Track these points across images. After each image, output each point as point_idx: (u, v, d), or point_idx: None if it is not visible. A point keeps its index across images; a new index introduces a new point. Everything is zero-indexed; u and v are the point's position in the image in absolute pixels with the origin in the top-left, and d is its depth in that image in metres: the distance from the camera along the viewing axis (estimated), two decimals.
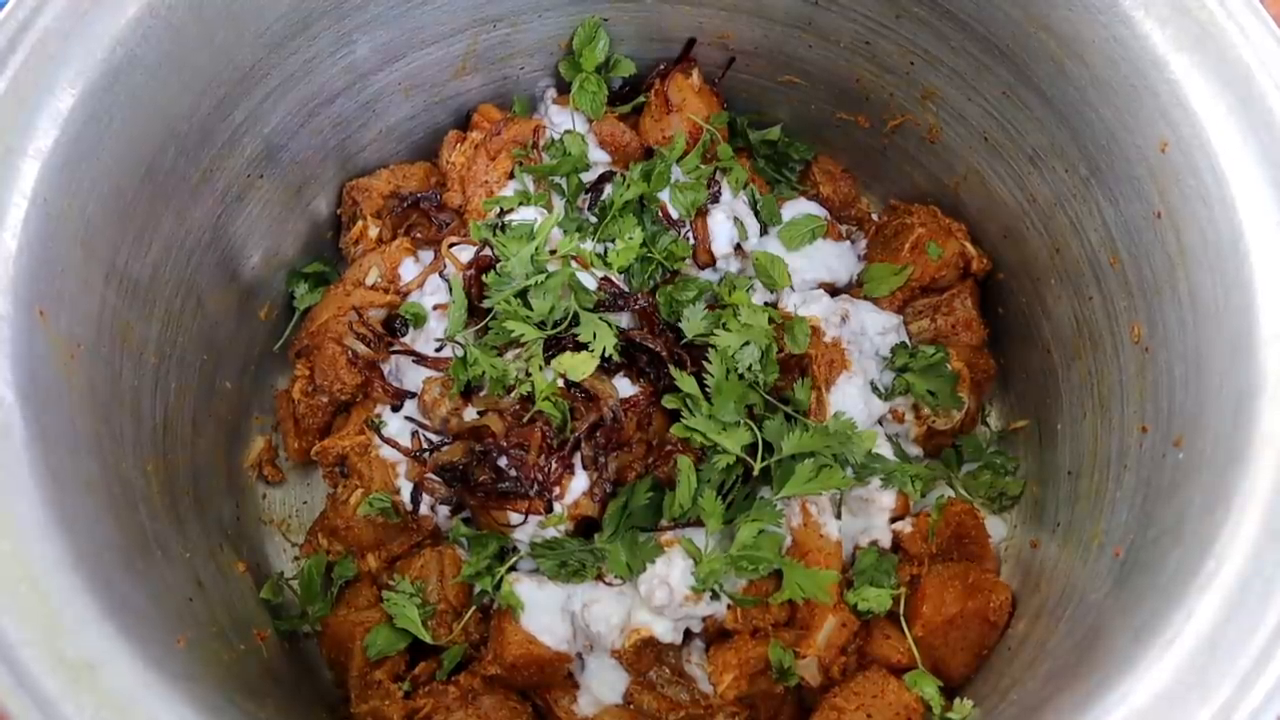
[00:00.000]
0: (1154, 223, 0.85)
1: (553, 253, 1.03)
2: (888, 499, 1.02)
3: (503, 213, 1.09)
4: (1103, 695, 0.63)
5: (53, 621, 0.61)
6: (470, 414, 0.98)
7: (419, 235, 1.14)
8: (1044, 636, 0.87)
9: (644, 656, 0.95)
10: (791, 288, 1.09)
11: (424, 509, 0.99)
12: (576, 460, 0.96)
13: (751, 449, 0.96)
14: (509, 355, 0.99)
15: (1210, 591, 0.64)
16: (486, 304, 1.00)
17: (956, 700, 0.91)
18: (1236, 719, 0.58)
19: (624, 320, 1.02)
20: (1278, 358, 0.70)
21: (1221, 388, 0.74)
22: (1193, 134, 0.80)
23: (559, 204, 1.10)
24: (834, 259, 1.13)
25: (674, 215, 1.08)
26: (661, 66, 1.17)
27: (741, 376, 0.99)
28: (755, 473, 0.95)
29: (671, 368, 0.98)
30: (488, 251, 1.03)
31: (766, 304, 1.06)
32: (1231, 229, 0.77)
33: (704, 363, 0.98)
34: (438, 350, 1.04)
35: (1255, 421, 0.69)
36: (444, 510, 1.00)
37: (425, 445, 1.00)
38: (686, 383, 0.97)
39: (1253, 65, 0.78)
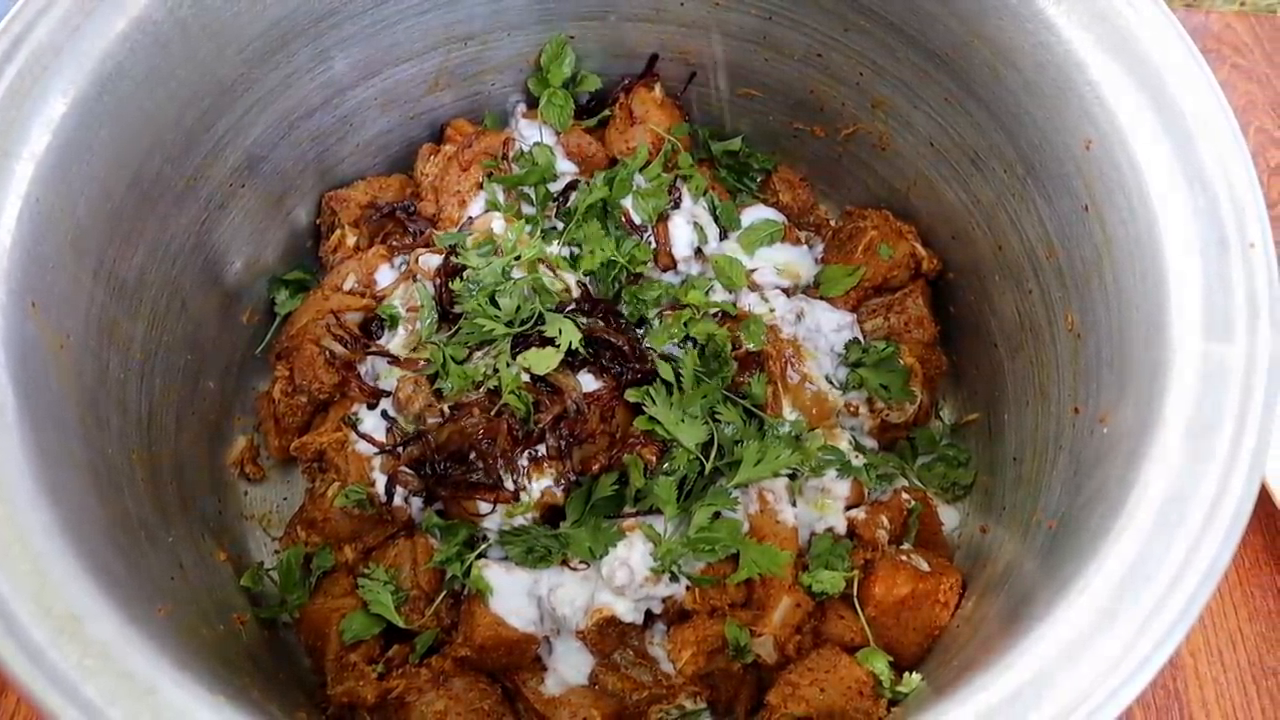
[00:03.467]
0: (1082, 216, 0.90)
1: (518, 259, 1.08)
2: (843, 488, 1.07)
3: (470, 222, 1.14)
4: (1021, 640, 0.67)
5: (41, 579, 0.65)
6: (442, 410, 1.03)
7: (394, 243, 1.19)
8: (986, 609, 0.92)
9: (607, 637, 0.99)
10: (749, 288, 1.14)
11: (398, 500, 1.04)
12: (542, 450, 1.01)
13: (708, 446, 1.01)
14: (478, 354, 1.04)
15: (1121, 543, 0.68)
16: (457, 309, 1.05)
17: (905, 674, 0.95)
18: (1140, 650, 0.62)
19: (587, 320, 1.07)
20: (1185, 332, 0.75)
21: (1140, 364, 0.79)
22: (1112, 131, 0.86)
23: (527, 212, 1.16)
24: (791, 261, 1.19)
25: (636, 221, 1.14)
26: (626, 81, 1.23)
27: (700, 377, 1.04)
28: (706, 471, 1.00)
29: (652, 353, 1.03)
30: (455, 259, 1.08)
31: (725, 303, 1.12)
32: (1148, 218, 0.82)
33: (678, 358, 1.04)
34: (411, 351, 1.09)
35: (1166, 391, 0.74)
36: (417, 502, 1.04)
37: (399, 440, 1.05)
38: (664, 368, 1.02)
39: (1163, 68, 0.84)
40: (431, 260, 1.11)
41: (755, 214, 1.20)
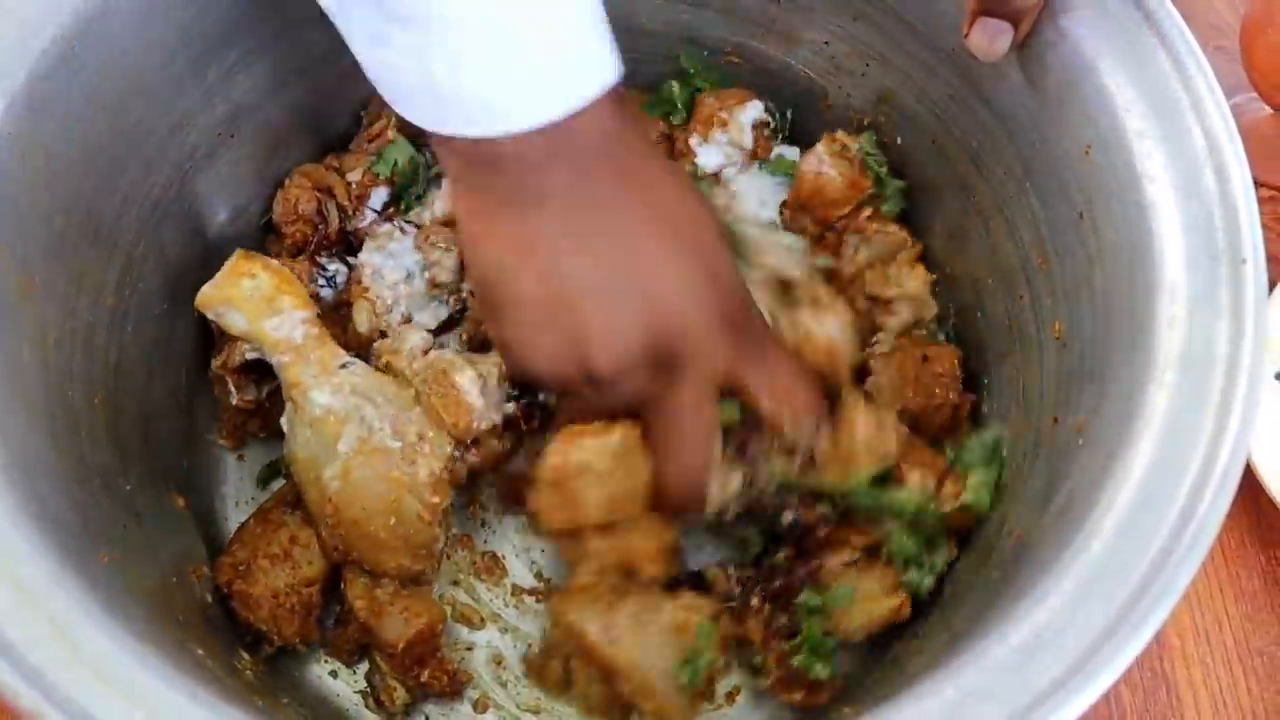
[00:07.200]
0: (1077, 223, 0.88)
1: None
2: None
3: None
4: (962, 654, 0.65)
5: None
6: None
7: None
8: (945, 619, 0.90)
9: None
10: None
11: None
12: None
13: None
14: None
15: (1077, 563, 0.66)
16: None
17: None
18: (1085, 673, 0.61)
19: None
20: (1165, 345, 0.73)
21: (1119, 376, 0.77)
22: (1113, 136, 0.83)
23: None
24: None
25: None
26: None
27: None
28: None
29: None
30: None
31: None
32: (1140, 227, 0.80)
33: None
34: None
35: (1142, 404, 0.72)
36: None
37: None
38: None
39: (1169, 70, 0.81)
40: None
41: None
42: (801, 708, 0.94)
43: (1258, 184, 0.78)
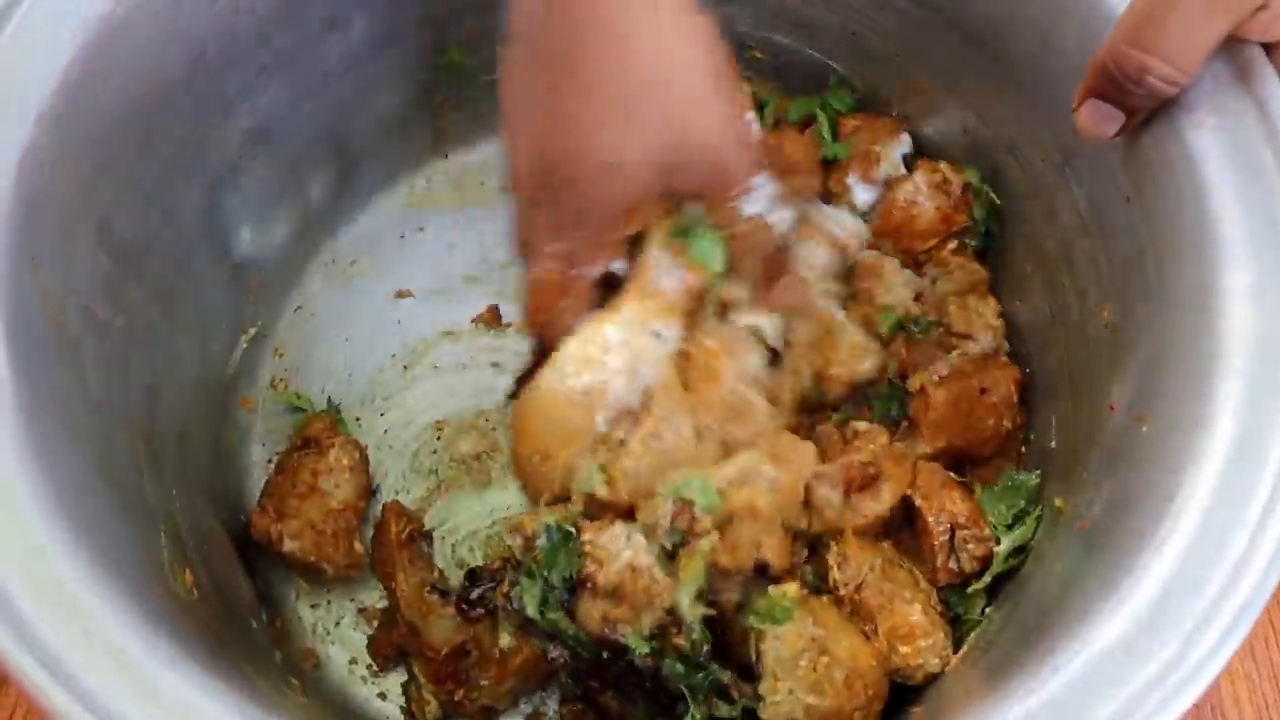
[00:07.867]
0: (1124, 207, 0.86)
1: None
2: None
3: None
4: (1051, 651, 0.64)
5: (30, 545, 0.63)
6: None
7: None
8: (1009, 612, 0.88)
9: None
10: None
11: None
12: None
13: None
14: None
15: (1163, 554, 0.65)
16: None
17: None
18: (1184, 669, 0.59)
19: None
20: (1236, 326, 0.71)
21: (1183, 360, 0.75)
22: (1164, 119, 0.81)
23: None
24: None
25: None
26: None
27: None
28: None
29: None
30: None
31: None
32: (1197, 211, 0.78)
33: None
34: None
35: (1213, 388, 0.70)
36: None
37: None
38: None
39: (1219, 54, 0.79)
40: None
41: None
42: None
43: None
